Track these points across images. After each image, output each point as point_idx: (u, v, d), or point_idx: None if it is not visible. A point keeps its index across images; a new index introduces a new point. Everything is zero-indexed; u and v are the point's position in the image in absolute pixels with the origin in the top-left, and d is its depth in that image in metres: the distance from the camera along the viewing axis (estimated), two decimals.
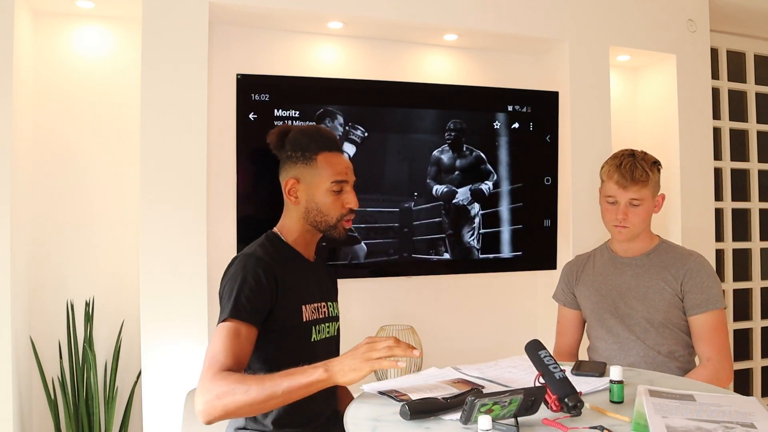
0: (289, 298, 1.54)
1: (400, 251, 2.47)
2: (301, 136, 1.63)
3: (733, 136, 3.41)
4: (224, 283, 1.52)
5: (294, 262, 1.62)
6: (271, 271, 1.50)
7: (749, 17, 3.21)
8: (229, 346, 1.39)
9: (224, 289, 1.51)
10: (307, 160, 1.60)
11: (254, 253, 1.53)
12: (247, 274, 1.48)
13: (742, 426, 1.14)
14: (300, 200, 1.61)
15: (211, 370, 1.35)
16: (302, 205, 1.61)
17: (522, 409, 1.18)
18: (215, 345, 1.40)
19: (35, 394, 2.29)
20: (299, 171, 1.61)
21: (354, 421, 1.25)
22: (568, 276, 2.16)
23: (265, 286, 1.48)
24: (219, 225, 2.35)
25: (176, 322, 2.12)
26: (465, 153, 2.55)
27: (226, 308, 1.44)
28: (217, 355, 1.38)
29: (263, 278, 1.48)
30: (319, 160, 1.60)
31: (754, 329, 3.43)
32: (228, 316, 1.43)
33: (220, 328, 1.43)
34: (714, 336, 1.87)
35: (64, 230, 2.37)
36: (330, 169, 1.60)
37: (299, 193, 1.61)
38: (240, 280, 1.47)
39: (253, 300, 1.45)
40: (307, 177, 1.60)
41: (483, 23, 2.58)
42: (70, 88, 2.39)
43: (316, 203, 1.60)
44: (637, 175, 1.91)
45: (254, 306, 1.45)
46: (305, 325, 1.57)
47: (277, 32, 2.53)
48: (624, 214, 1.93)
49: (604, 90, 2.78)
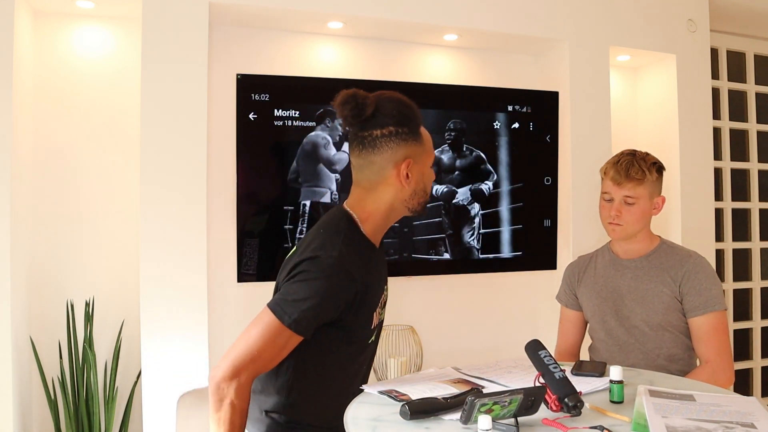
0: (363, 309, 1.42)
1: (400, 251, 2.47)
2: (402, 108, 1.42)
3: (733, 136, 3.41)
4: (302, 275, 1.35)
5: (370, 261, 1.45)
6: (354, 285, 1.36)
7: (749, 17, 3.21)
8: (273, 354, 1.33)
9: (299, 282, 1.34)
10: (416, 137, 1.42)
11: (342, 257, 1.35)
12: (330, 290, 1.33)
13: (742, 426, 1.14)
14: (411, 181, 1.42)
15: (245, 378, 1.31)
16: (411, 187, 1.43)
17: (522, 409, 1.18)
18: (258, 341, 1.31)
19: (35, 394, 2.29)
20: (411, 149, 1.41)
21: (354, 421, 1.25)
22: (570, 277, 2.16)
23: (341, 303, 1.36)
24: (219, 225, 2.35)
25: (176, 323, 2.12)
26: (465, 153, 2.55)
27: (292, 311, 1.31)
28: (258, 363, 1.32)
29: (344, 295, 1.35)
30: (423, 135, 1.44)
31: (754, 329, 3.43)
32: (290, 325, 1.31)
33: (275, 329, 1.31)
34: (713, 338, 1.85)
35: (64, 230, 2.37)
36: (431, 144, 1.46)
37: (412, 174, 1.42)
38: (320, 288, 1.32)
39: (319, 314, 1.34)
40: (419, 155, 1.42)
41: (483, 23, 2.58)
42: (70, 88, 2.39)
43: (425, 183, 1.45)
44: (632, 172, 1.91)
45: (317, 320, 1.34)
46: (371, 331, 1.49)
47: (277, 32, 2.53)
48: (617, 211, 1.94)
49: (604, 90, 2.78)
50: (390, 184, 1.42)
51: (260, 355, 1.32)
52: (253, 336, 1.32)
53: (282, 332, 1.32)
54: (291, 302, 1.32)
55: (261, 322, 1.33)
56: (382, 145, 1.40)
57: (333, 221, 1.45)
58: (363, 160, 1.43)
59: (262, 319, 1.34)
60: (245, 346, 1.32)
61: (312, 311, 1.33)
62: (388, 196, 1.44)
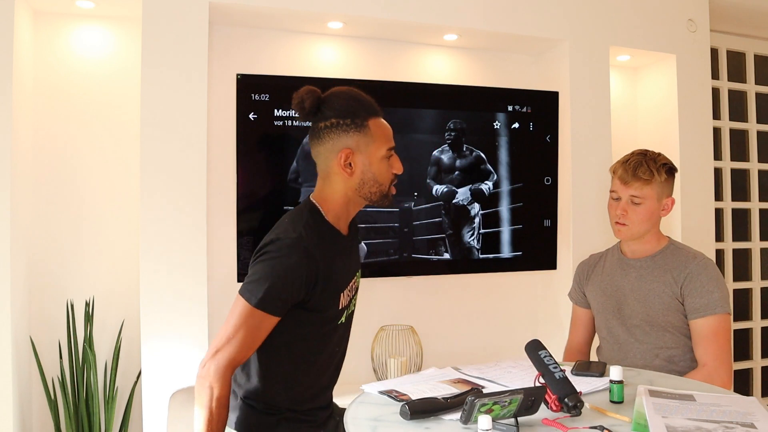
0: (328, 288, 1.47)
1: (400, 251, 2.47)
2: (346, 101, 1.50)
3: (733, 136, 3.41)
4: (264, 257, 1.42)
5: (334, 245, 1.51)
6: (314, 263, 1.42)
7: (749, 17, 3.21)
8: (248, 336, 1.38)
9: (262, 264, 1.41)
10: (359, 127, 1.48)
11: (302, 242, 1.41)
12: (291, 266, 1.39)
13: (742, 426, 1.14)
14: (355, 171, 1.49)
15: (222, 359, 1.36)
16: (357, 177, 1.49)
17: (522, 409, 1.18)
18: (235, 328, 1.37)
19: (35, 394, 2.29)
20: (353, 139, 1.47)
21: (354, 421, 1.25)
22: (580, 275, 2.16)
23: (303, 283, 1.41)
24: (219, 225, 2.35)
25: (176, 323, 2.12)
26: (465, 153, 2.55)
27: (257, 293, 1.37)
28: (233, 344, 1.37)
29: (305, 272, 1.40)
30: (371, 126, 1.49)
31: (754, 329, 3.43)
32: (257, 304, 1.37)
33: (245, 311, 1.38)
34: (712, 341, 1.83)
35: (64, 230, 2.37)
36: (383, 135, 1.51)
37: (355, 164, 1.48)
38: (282, 270, 1.39)
39: (287, 292, 1.40)
40: (362, 146, 1.48)
41: (483, 23, 2.58)
42: (70, 87, 2.39)
43: (373, 173, 1.50)
44: (640, 172, 1.90)
45: (286, 298, 1.40)
46: (339, 312, 1.53)
47: (277, 32, 2.53)
48: (623, 210, 1.93)
49: (604, 90, 2.78)
50: (337, 173, 1.50)
51: (237, 338, 1.37)
52: (230, 322, 1.39)
53: (252, 313, 1.38)
54: (255, 282, 1.39)
55: (234, 308, 1.40)
56: (325, 135, 1.49)
57: (297, 210, 1.53)
58: (314, 151, 1.54)
59: (235, 305, 1.41)
60: (223, 331, 1.39)
61: (275, 289, 1.38)
62: (339, 185, 1.51)
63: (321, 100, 1.50)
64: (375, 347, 2.47)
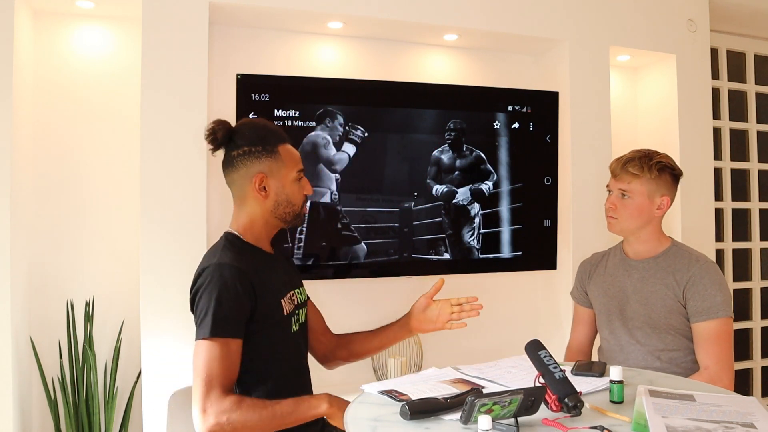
0: (267, 297, 1.54)
1: (400, 251, 2.47)
2: (257, 130, 1.62)
3: (733, 136, 3.41)
4: (198, 296, 1.49)
5: (261, 260, 1.61)
6: (245, 276, 1.49)
7: (749, 17, 3.21)
8: (223, 364, 1.42)
9: (199, 302, 1.48)
10: (270, 153, 1.59)
11: (222, 261, 1.50)
12: (223, 286, 1.46)
13: (742, 426, 1.14)
14: (269, 194, 1.59)
15: (214, 390, 1.39)
16: (271, 200, 1.60)
17: (522, 409, 1.18)
18: (208, 363, 1.41)
19: (35, 394, 2.29)
20: (265, 164, 1.59)
21: (354, 421, 1.25)
22: (582, 274, 2.16)
23: (242, 295, 1.48)
24: (219, 225, 2.34)
25: (176, 323, 2.12)
26: (465, 153, 2.55)
27: (207, 325, 1.43)
28: (214, 375, 1.40)
29: (239, 287, 1.47)
30: (281, 152, 1.60)
31: (754, 329, 3.43)
32: (211, 334, 1.42)
33: (208, 347, 1.42)
34: (714, 345, 1.83)
35: (64, 230, 2.37)
36: (292, 160, 1.62)
37: (269, 188, 1.59)
38: (216, 293, 1.45)
39: (234, 312, 1.46)
40: (274, 170, 1.59)
41: (483, 23, 2.58)
42: (70, 87, 2.39)
43: (286, 194, 1.61)
44: (629, 166, 1.92)
45: (236, 318, 1.46)
46: (287, 318, 1.60)
47: (277, 32, 2.53)
48: (612, 204, 1.96)
49: (604, 90, 2.78)
50: (252, 198, 1.60)
51: (213, 375, 1.41)
52: (204, 367, 1.42)
53: (219, 346, 1.42)
54: (205, 317, 1.44)
55: (197, 354, 1.44)
56: (238, 163, 1.59)
57: (213, 246, 1.61)
58: (228, 179, 1.63)
59: (196, 352, 1.45)
60: (198, 380, 1.42)
61: (226, 311, 1.44)
62: (255, 208, 1.61)
63: (232, 131, 1.60)
64: None
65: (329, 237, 2.37)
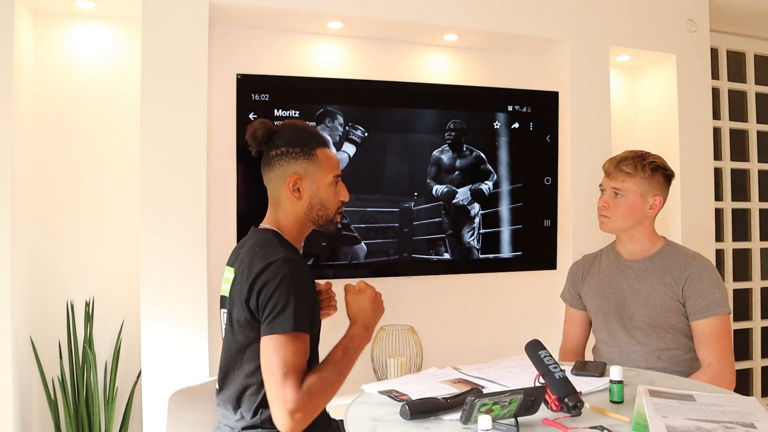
0: (317, 299, 1.57)
1: (400, 251, 2.47)
2: (297, 131, 1.61)
3: (733, 136, 3.41)
4: (269, 290, 1.43)
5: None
6: (312, 275, 1.51)
7: (749, 17, 3.21)
8: (303, 358, 1.40)
9: (272, 297, 1.43)
10: (308, 156, 1.58)
11: (290, 257, 1.47)
12: (301, 281, 1.45)
13: (742, 426, 1.14)
14: (303, 196, 1.59)
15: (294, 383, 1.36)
16: (305, 201, 1.59)
17: (522, 409, 1.18)
18: (291, 357, 1.38)
19: (35, 394, 2.29)
20: (301, 166, 1.58)
21: (354, 421, 1.25)
22: (574, 276, 2.16)
23: (314, 292, 1.50)
24: (219, 225, 2.35)
25: (176, 323, 2.12)
26: (465, 153, 2.55)
27: (288, 319, 1.40)
28: (298, 369, 1.38)
29: (311, 284, 1.49)
30: (319, 155, 1.59)
31: (754, 329, 3.43)
32: (294, 328, 1.40)
33: (289, 340, 1.39)
34: (715, 341, 1.84)
35: (64, 230, 2.37)
36: (329, 164, 1.61)
37: (303, 189, 1.58)
38: (295, 288, 1.43)
39: (309, 307, 1.46)
40: (310, 172, 1.58)
41: (483, 23, 2.58)
42: (70, 87, 2.39)
43: (320, 198, 1.59)
44: (622, 165, 1.93)
45: (310, 315, 1.47)
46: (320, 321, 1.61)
47: (277, 32, 2.53)
48: (605, 202, 1.97)
49: (604, 90, 2.78)
50: (286, 198, 1.59)
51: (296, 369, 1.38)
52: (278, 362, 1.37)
53: (294, 340, 1.39)
54: (282, 311, 1.40)
55: (276, 348, 1.39)
56: (275, 163, 1.59)
57: (262, 238, 1.57)
58: (265, 178, 1.63)
59: (275, 346, 1.39)
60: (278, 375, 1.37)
61: (302, 306, 1.42)
62: (289, 209, 1.60)
63: (273, 131, 1.60)
64: (375, 347, 2.47)
65: (329, 237, 2.37)
